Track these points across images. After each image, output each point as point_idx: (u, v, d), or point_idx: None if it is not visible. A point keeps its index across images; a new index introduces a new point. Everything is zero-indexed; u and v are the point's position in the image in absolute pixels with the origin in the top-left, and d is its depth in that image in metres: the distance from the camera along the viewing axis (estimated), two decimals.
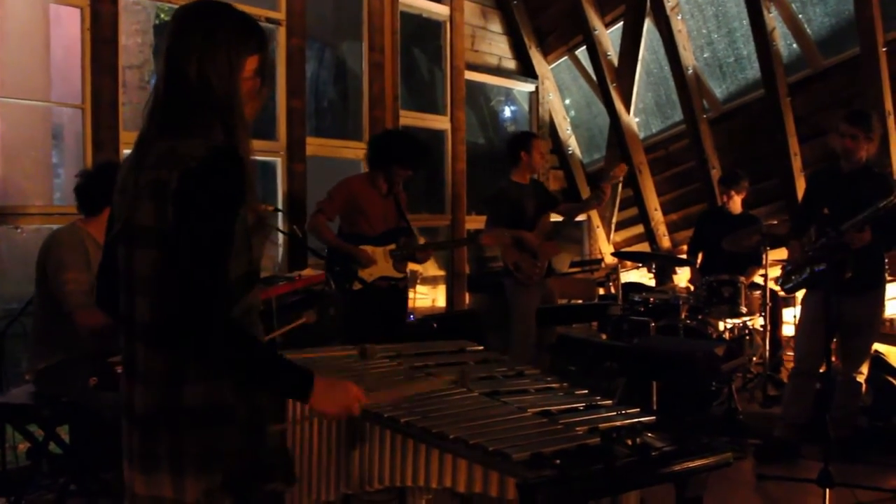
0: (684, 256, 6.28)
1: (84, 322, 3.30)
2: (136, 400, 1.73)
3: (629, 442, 1.83)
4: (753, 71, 6.70)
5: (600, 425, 1.93)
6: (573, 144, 8.39)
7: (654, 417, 2.01)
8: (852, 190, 4.19)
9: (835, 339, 4.11)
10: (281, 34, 5.43)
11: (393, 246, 4.74)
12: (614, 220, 8.26)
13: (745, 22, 6.41)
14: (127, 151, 4.61)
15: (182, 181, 1.63)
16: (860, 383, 4.36)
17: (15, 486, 3.62)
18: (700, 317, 5.42)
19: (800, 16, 6.32)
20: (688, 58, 6.88)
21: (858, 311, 4.24)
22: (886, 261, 5.72)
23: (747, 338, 5.58)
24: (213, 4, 1.78)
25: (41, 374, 3.42)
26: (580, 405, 2.13)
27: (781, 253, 5.50)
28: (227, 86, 1.72)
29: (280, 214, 5.31)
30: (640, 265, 7.19)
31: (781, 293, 5.31)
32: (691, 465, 1.80)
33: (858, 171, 4.26)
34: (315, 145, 5.79)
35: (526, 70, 8.01)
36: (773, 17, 6.20)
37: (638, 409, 2.07)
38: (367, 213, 4.71)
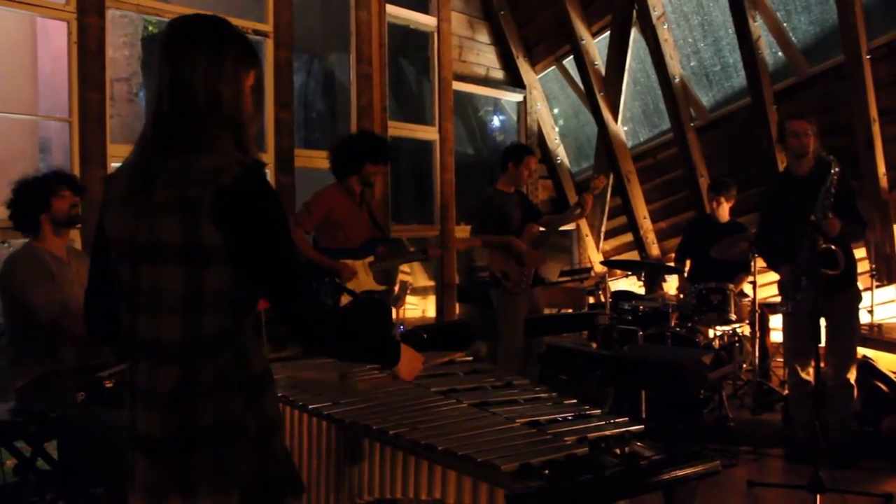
0: (673, 264, 6.30)
1: (73, 328, 3.27)
2: (139, 425, 1.70)
3: (618, 451, 1.84)
4: (739, 79, 6.74)
5: (589, 435, 1.93)
6: (561, 154, 8.42)
7: (643, 426, 2.02)
8: (812, 188, 4.20)
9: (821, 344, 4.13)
10: (268, 46, 5.43)
11: (371, 258, 4.70)
12: (603, 228, 8.28)
13: (731, 31, 6.46)
14: (115, 164, 4.60)
15: (221, 199, 1.61)
16: (852, 385, 4.38)
17: (2, 503, 3.59)
18: (689, 324, 5.43)
19: (785, 24, 6.37)
20: (674, 66, 6.92)
21: (836, 309, 4.28)
22: (874, 266, 5.77)
23: (737, 345, 5.59)
24: (212, 19, 1.77)
25: (20, 392, 3.40)
26: (569, 415, 2.14)
27: None
28: (237, 101, 1.72)
29: None
30: (630, 273, 7.20)
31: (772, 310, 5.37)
32: (680, 473, 1.80)
33: (812, 169, 4.36)
34: (303, 157, 5.79)
35: (514, 80, 8.03)
36: (758, 26, 6.25)
37: (627, 419, 2.08)
38: (345, 225, 4.64)
